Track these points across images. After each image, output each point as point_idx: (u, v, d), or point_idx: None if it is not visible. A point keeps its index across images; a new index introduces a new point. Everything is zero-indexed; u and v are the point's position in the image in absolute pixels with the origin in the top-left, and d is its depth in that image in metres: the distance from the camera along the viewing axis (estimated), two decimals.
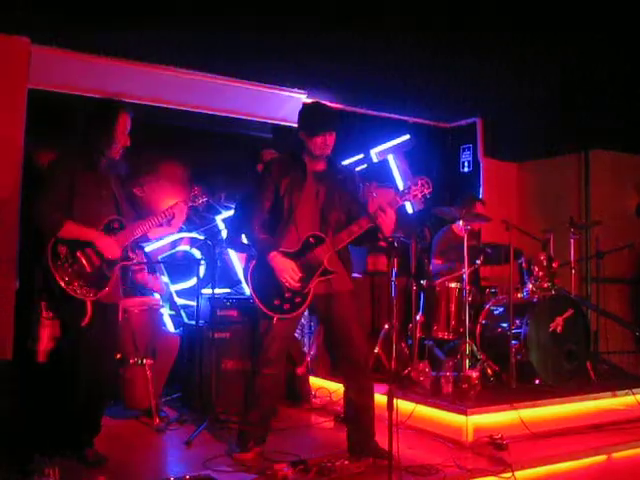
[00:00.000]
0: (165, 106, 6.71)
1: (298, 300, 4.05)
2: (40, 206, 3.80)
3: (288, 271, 3.98)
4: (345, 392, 4.20)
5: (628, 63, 6.10)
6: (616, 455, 4.71)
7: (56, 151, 4.15)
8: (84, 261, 3.82)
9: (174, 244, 6.82)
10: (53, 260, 3.74)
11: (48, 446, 3.89)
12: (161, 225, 4.16)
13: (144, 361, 5.02)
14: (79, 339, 3.86)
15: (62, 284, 3.72)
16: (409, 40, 5.78)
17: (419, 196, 4.02)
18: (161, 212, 4.14)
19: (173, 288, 6.74)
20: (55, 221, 3.76)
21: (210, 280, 5.43)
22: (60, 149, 4.08)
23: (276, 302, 4.04)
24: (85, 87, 6.13)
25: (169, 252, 6.77)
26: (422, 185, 4.02)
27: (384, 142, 8.07)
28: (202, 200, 4.32)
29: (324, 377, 6.23)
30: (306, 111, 4.23)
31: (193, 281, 6.50)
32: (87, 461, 3.95)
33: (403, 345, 6.25)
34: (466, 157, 8.65)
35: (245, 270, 4.20)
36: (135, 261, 4.12)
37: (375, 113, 8.08)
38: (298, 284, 4.01)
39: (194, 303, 5.68)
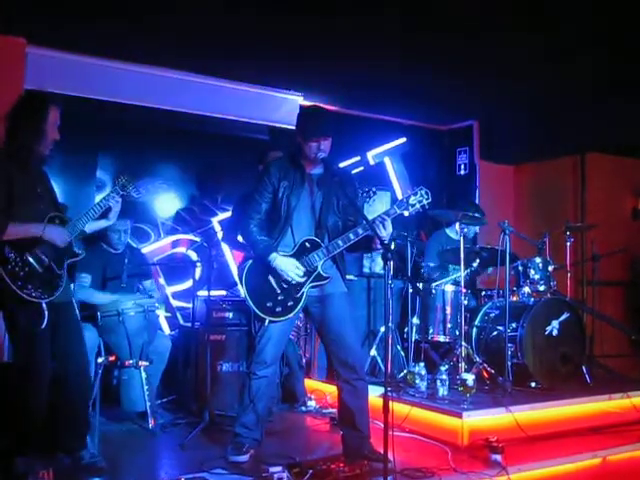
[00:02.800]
0: (162, 108, 6.70)
1: (290, 303, 4.05)
2: None
3: (292, 269, 4.00)
4: (339, 394, 4.19)
5: (625, 66, 6.11)
6: (611, 458, 4.70)
7: None
8: (34, 262, 3.69)
9: (173, 245, 6.82)
10: (3, 266, 3.59)
11: (39, 449, 3.87)
12: (98, 218, 4.05)
13: (139, 363, 5.00)
14: (37, 344, 3.73)
15: (17, 290, 3.59)
16: (406, 42, 5.78)
17: (417, 206, 4.01)
18: (96, 205, 3.97)
19: (169, 290, 6.74)
20: None
21: (206, 282, 5.42)
22: None
23: (268, 304, 4.04)
24: (83, 89, 6.12)
25: (166, 254, 6.77)
26: (421, 195, 4.01)
27: (380, 145, 8.09)
28: (131, 188, 4.16)
29: (320, 379, 6.23)
30: (302, 115, 4.24)
31: (189, 283, 6.50)
32: (82, 463, 3.91)
33: (399, 348, 6.25)
34: (462, 160, 8.65)
35: (240, 270, 4.20)
36: (81, 257, 4.00)
37: (371, 115, 8.09)
38: (305, 277, 4.03)
39: (190, 305, 5.68)
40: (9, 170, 3.72)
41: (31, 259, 3.70)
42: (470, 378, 5.18)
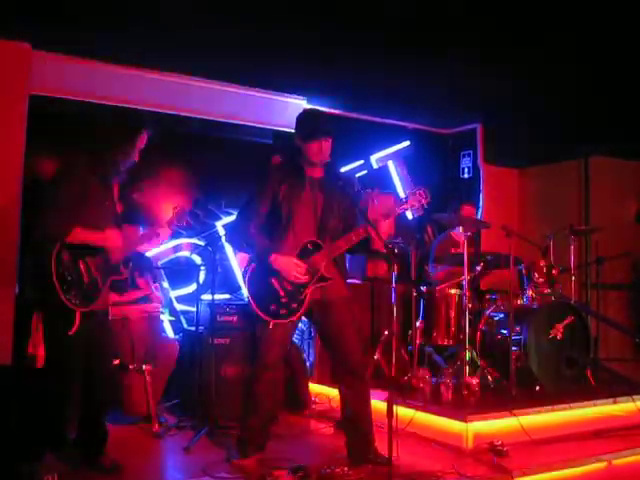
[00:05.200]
0: (166, 112, 6.71)
1: (294, 305, 4.05)
2: (51, 212, 3.74)
3: (293, 267, 3.99)
4: (342, 398, 4.20)
5: (628, 69, 6.11)
6: (616, 462, 4.68)
7: (60, 158, 4.08)
8: (83, 271, 3.78)
9: (175, 250, 6.82)
10: (56, 267, 3.68)
11: (49, 452, 3.89)
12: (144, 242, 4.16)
13: (143, 367, 5.02)
14: (67, 347, 3.81)
15: (60, 292, 3.67)
16: (409, 46, 5.78)
17: (417, 206, 4.08)
18: (151, 231, 4.11)
19: (173, 294, 6.74)
20: (64, 227, 3.71)
21: (210, 286, 5.43)
22: (70, 157, 3.99)
23: (272, 307, 4.04)
24: (87, 94, 6.14)
25: (169, 257, 6.78)
26: (420, 195, 4.06)
27: (384, 148, 8.08)
28: (186, 219, 4.30)
29: (323, 383, 6.23)
30: (302, 118, 4.25)
31: (193, 287, 6.50)
32: (104, 469, 3.93)
33: (403, 351, 6.25)
34: (466, 163, 8.65)
35: (244, 274, 4.21)
36: (124, 277, 4.09)
37: (375, 119, 8.08)
38: (307, 276, 4.02)
39: (194, 309, 5.69)
40: (88, 178, 3.85)
41: (82, 267, 3.79)
42: (474, 382, 5.18)
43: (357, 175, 7.61)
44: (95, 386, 4.00)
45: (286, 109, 7.25)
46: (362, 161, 7.90)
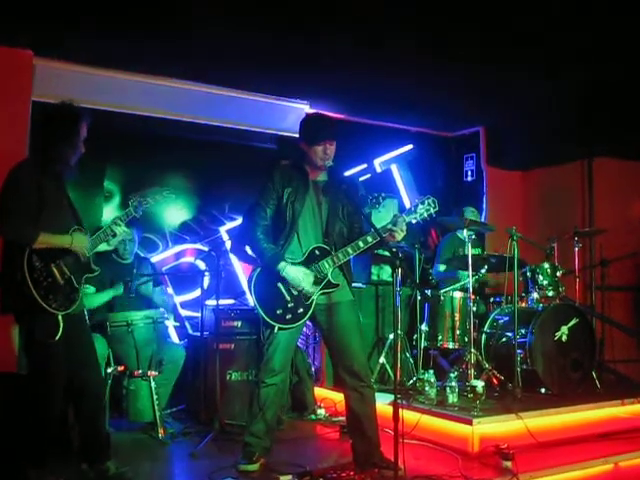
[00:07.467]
0: (168, 118, 6.72)
1: (300, 310, 4.06)
2: (14, 218, 3.63)
3: (304, 277, 4.01)
4: (347, 402, 4.19)
5: (631, 70, 6.10)
6: (623, 464, 4.68)
7: None
8: (57, 274, 3.72)
9: (177, 256, 6.83)
10: (30, 273, 3.61)
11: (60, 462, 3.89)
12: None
13: (148, 373, 5.02)
14: (52, 354, 3.73)
15: (39, 298, 3.60)
16: (411, 50, 5.79)
17: (425, 215, 4.06)
18: (107, 227, 3.99)
19: (178, 299, 6.75)
20: (31, 232, 3.63)
21: (214, 291, 5.43)
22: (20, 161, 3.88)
23: (278, 312, 4.05)
24: (90, 100, 6.13)
25: (173, 264, 6.79)
26: (429, 204, 4.05)
27: (387, 152, 8.09)
28: (140, 211, 4.11)
29: (329, 388, 6.23)
30: (306, 121, 4.26)
31: (197, 292, 6.51)
32: (109, 474, 3.89)
33: (408, 355, 6.24)
34: (469, 166, 8.65)
35: (249, 279, 4.20)
36: (96, 274, 4.04)
37: (378, 123, 8.09)
38: (315, 287, 4.03)
39: (198, 314, 5.69)
40: (40, 180, 3.75)
41: (54, 270, 3.73)
42: (480, 385, 5.17)
43: (360, 179, 7.61)
44: (87, 391, 3.92)
45: (289, 114, 7.26)
46: (365, 165, 7.91)
